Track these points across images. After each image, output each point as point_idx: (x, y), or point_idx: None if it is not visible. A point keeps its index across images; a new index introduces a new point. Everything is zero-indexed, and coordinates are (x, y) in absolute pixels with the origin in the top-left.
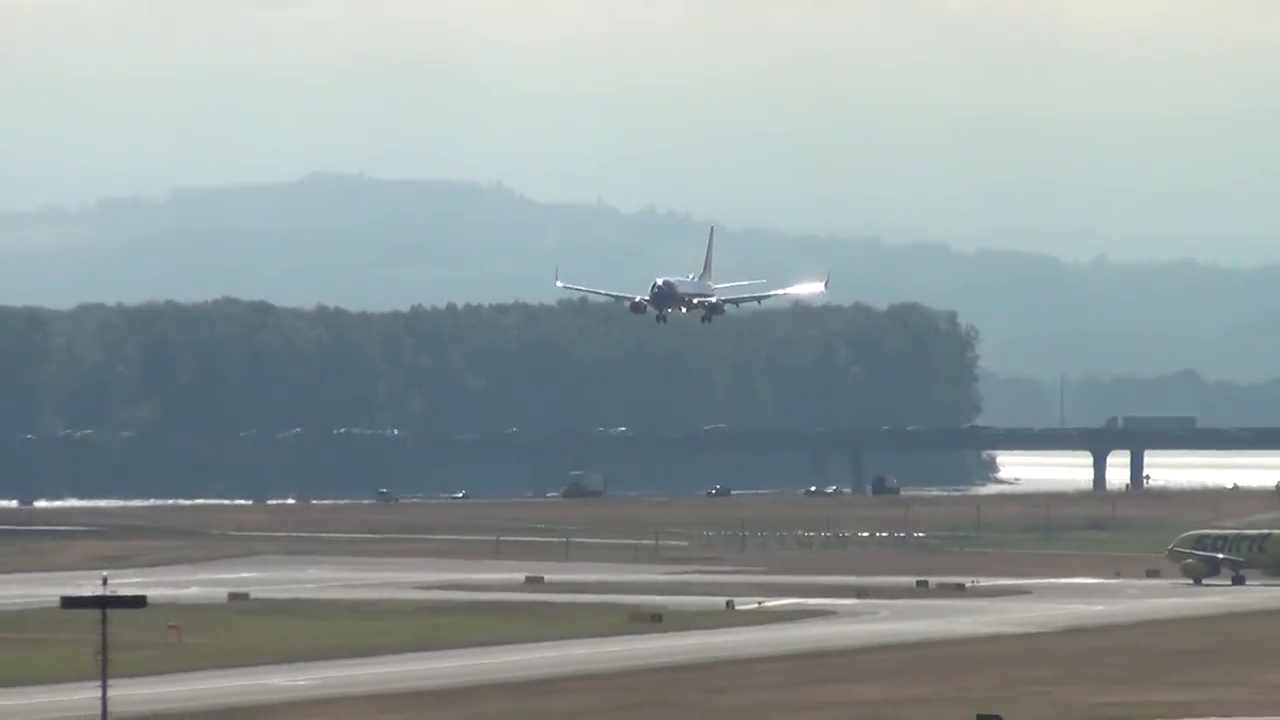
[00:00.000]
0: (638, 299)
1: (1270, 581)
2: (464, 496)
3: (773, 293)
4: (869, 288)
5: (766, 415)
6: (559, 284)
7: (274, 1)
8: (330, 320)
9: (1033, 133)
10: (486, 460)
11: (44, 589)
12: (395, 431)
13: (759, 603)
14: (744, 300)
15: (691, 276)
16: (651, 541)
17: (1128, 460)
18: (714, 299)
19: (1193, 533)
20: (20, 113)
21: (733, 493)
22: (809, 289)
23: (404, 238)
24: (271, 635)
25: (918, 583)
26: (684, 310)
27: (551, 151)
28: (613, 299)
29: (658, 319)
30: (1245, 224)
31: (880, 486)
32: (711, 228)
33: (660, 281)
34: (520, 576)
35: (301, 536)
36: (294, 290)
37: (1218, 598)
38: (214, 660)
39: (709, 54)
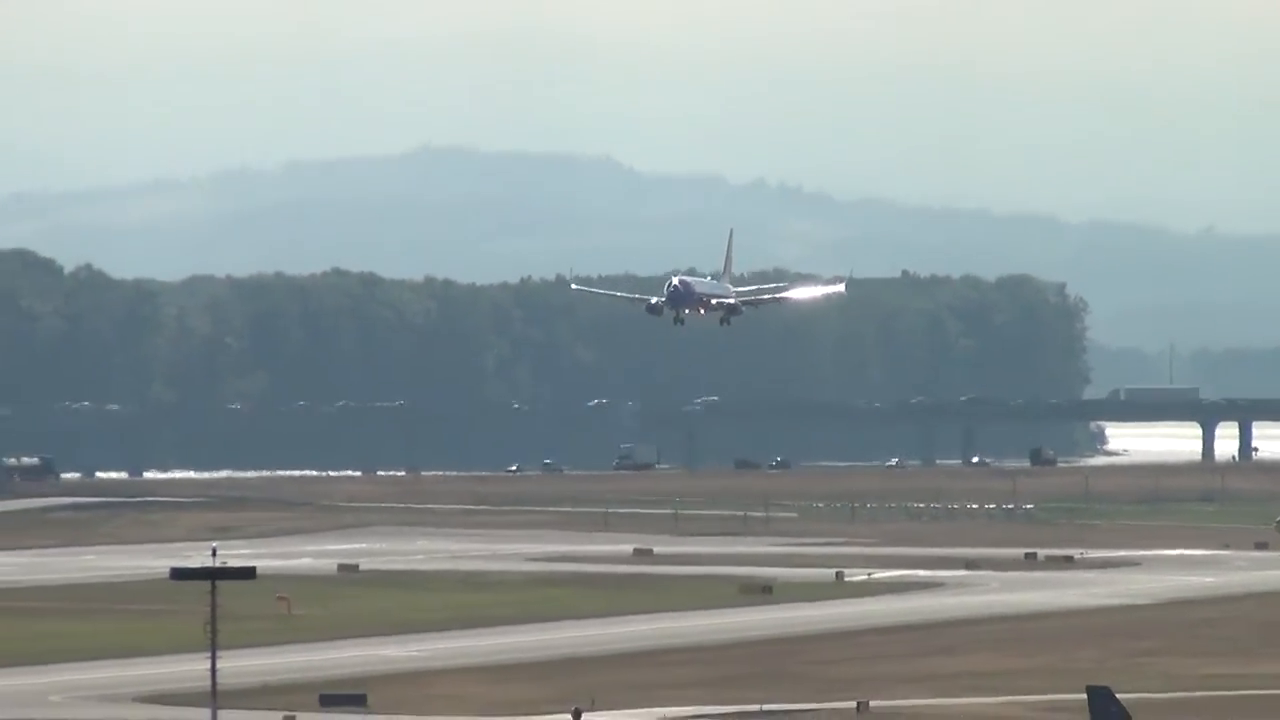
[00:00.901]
0: (653, 300)
1: None
2: (516, 470)
3: (792, 295)
4: (978, 259)
5: (876, 386)
6: (573, 286)
7: None
8: (439, 292)
9: (1144, 103)
10: (595, 430)
11: (153, 560)
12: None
13: (869, 574)
14: (762, 302)
15: (709, 277)
16: (761, 513)
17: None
18: (732, 300)
19: None
20: (134, 85)
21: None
22: (828, 290)
23: (513, 209)
24: (381, 606)
25: (1026, 555)
26: (701, 312)
27: (661, 123)
28: (628, 300)
29: (675, 321)
30: None
31: (1038, 457)
32: (730, 230)
33: (676, 281)
34: (629, 548)
35: (411, 508)
36: (403, 262)
37: None
38: (324, 632)
39: (820, 25)
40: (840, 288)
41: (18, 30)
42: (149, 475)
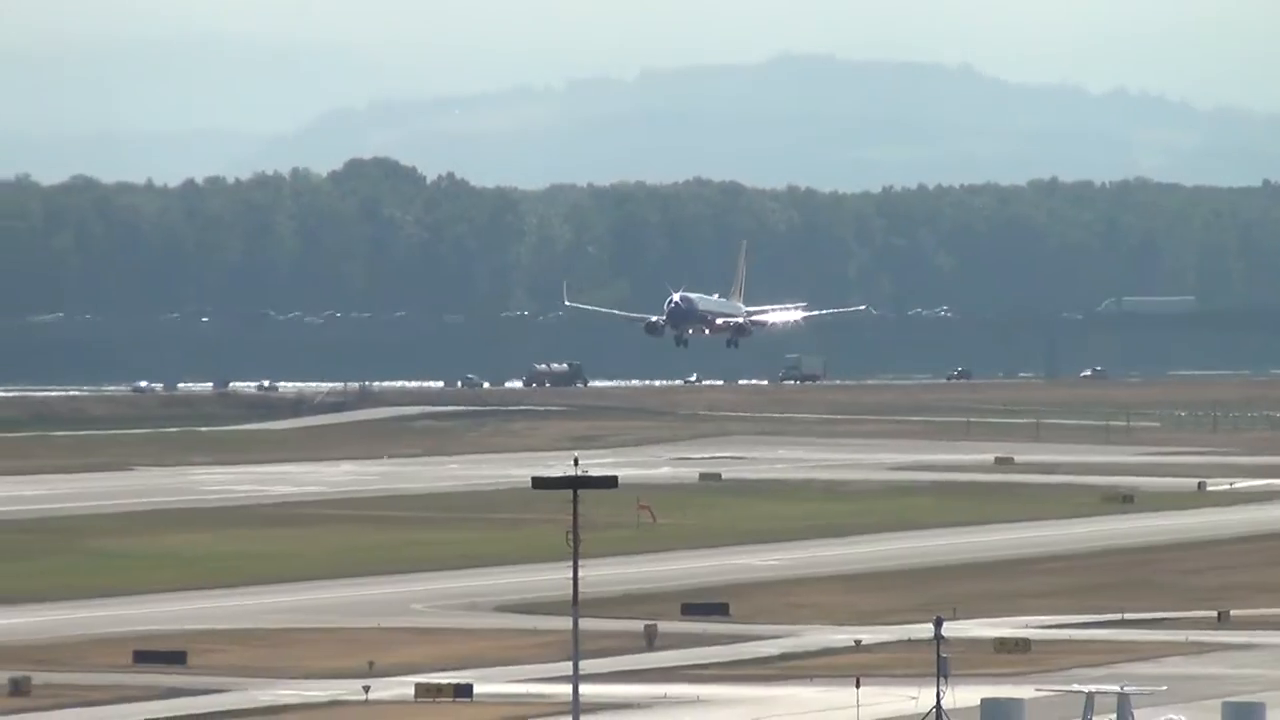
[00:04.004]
0: (653, 319)
1: None
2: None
3: (807, 314)
4: None
5: (1237, 295)
6: (567, 302)
7: None
8: (801, 201)
9: None
10: (956, 341)
11: (516, 469)
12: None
13: (1230, 484)
14: (773, 323)
15: (717, 296)
16: (1123, 422)
17: None
18: (741, 319)
19: None
20: None
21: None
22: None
23: (873, 119)
24: (743, 515)
25: None
26: (706, 331)
27: (1021, 31)
28: (626, 320)
29: (677, 343)
30: None
31: None
32: (744, 242)
33: (677, 297)
34: (990, 457)
35: (772, 417)
36: (762, 171)
37: None
38: (685, 540)
39: None
40: (861, 308)
41: None
42: (510, 385)
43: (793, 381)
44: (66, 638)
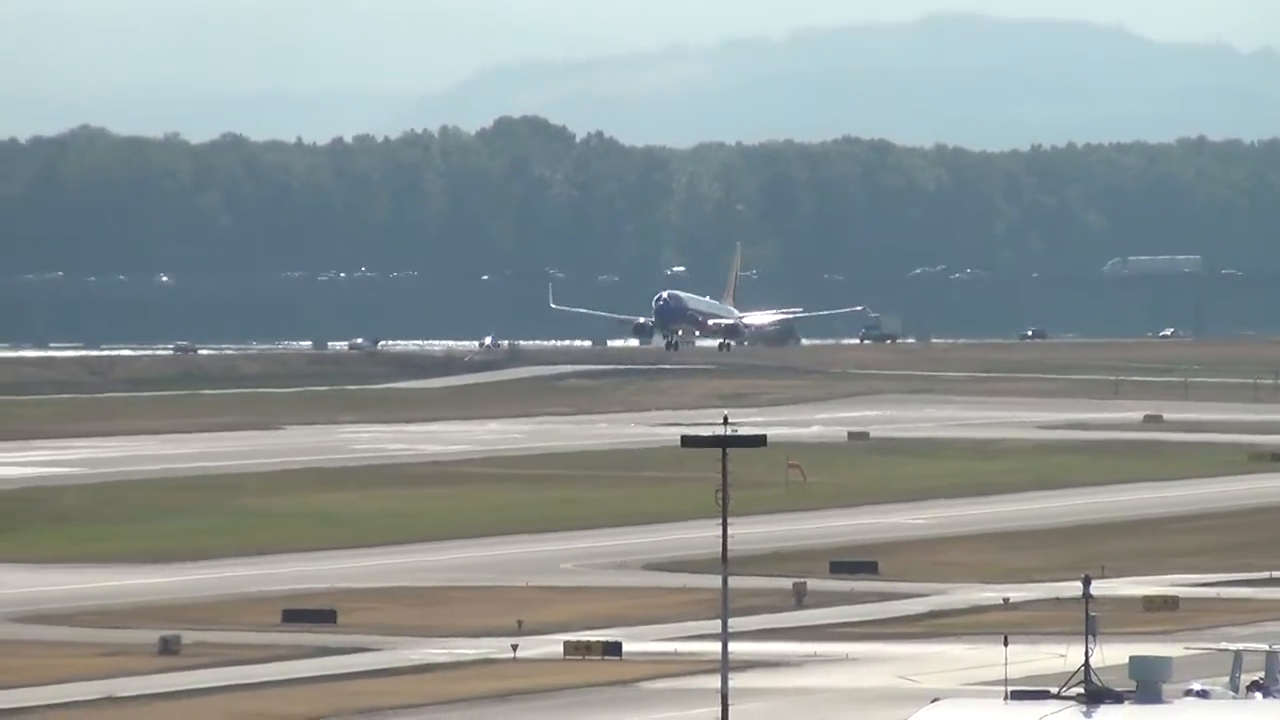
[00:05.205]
0: (641, 320)
1: None
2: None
3: (783, 316)
4: None
5: None
6: (552, 305)
7: None
8: (950, 159)
9: None
10: (1105, 298)
11: (665, 428)
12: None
13: None
14: (766, 326)
15: (708, 297)
16: (1271, 381)
17: None
18: (731, 320)
19: None
20: None
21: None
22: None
23: (1023, 77)
24: (891, 474)
25: None
26: (697, 333)
27: None
28: (616, 321)
29: (668, 346)
30: None
31: None
32: (739, 243)
33: (665, 294)
34: (1139, 415)
35: (919, 375)
36: (912, 129)
37: None
38: (834, 499)
39: None
40: (858, 308)
41: None
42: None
43: (872, 341)
44: (217, 596)
